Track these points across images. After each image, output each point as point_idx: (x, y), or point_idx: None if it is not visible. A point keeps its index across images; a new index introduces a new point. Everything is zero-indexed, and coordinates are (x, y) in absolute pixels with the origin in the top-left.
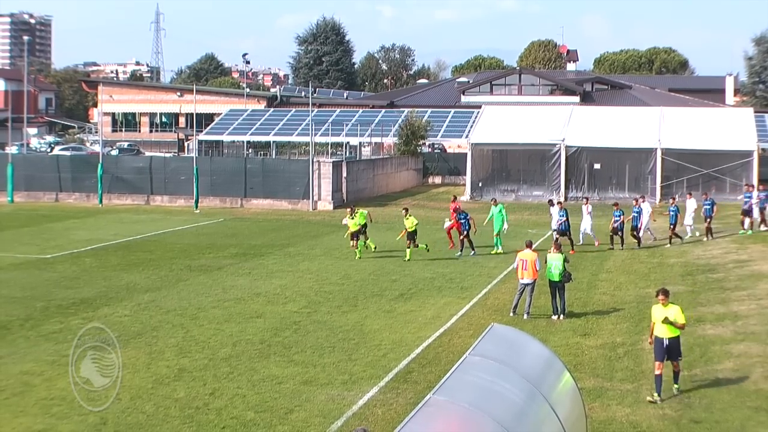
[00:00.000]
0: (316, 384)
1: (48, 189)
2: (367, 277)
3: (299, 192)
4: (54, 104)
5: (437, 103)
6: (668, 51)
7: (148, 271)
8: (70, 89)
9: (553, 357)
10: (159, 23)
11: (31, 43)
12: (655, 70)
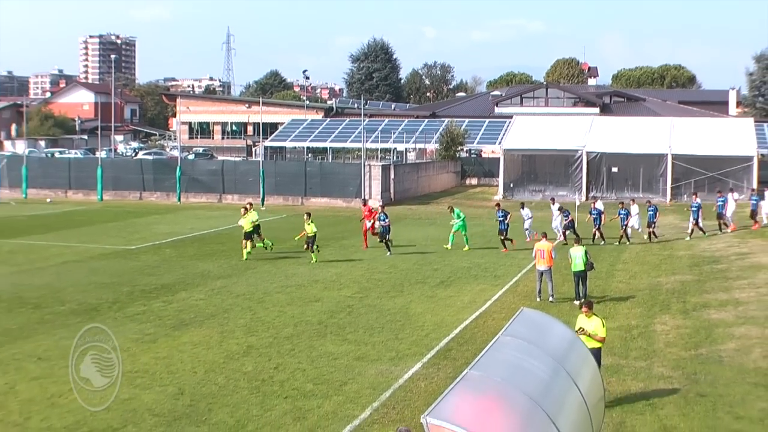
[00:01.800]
0: (367, 360)
1: (132, 189)
2: (412, 267)
3: (352, 191)
4: (138, 114)
5: (474, 113)
6: (678, 67)
7: (220, 261)
8: (152, 101)
9: (575, 337)
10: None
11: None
12: (666, 84)
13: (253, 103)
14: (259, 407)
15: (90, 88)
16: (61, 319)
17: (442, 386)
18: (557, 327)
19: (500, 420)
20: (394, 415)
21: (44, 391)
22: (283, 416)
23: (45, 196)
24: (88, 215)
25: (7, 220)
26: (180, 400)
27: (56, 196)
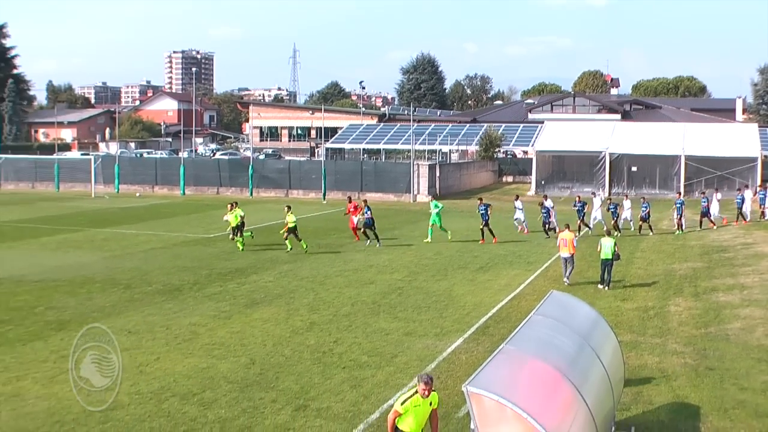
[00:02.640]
0: (415, 335)
1: (210, 184)
2: (455, 254)
3: (403, 187)
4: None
5: (509, 119)
6: (690, 79)
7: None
8: (228, 108)
9: (598, 317)
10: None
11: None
12: (680, 93)
13: (315, 110)
14: (320, 376)
15: (174, 97)
16: (148, 298)
17: (481, 359)
18: (583, 308)
19: (532, 389)
20: (438, 384)
21: (133, 360)
22: (341, 384)
23: (134, 191)
24: (172, 208)
25: (102, 211)
26: (251, 369)
27: (144, 191)
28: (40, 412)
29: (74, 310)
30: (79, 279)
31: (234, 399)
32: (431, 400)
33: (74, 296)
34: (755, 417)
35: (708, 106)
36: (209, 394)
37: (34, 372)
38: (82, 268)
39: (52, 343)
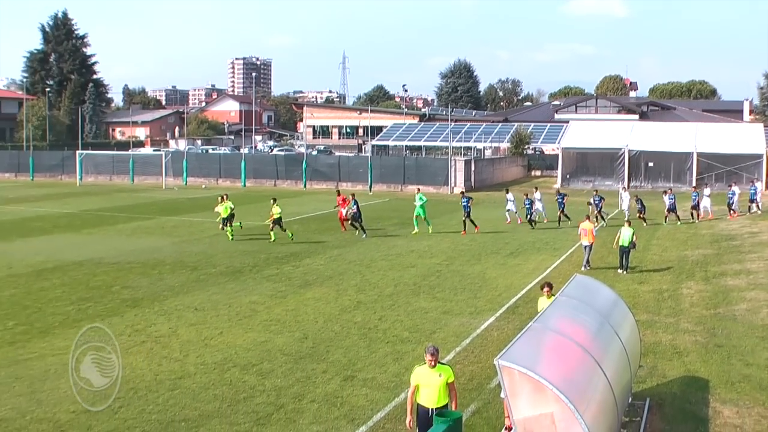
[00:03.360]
0: (452, 314)
1: (268, 177)
2: (488, 241)
3: (441, 180)
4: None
5: (538, 119)
6: (702, 83)
7: (336, 234)
8: (284, 109)
9: (618, 298)
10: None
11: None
12: (693, 96)
13: (363, 111)
14: (366, 350)
15: (236, 99)
16: (213, 279)
17: (511, 335)
18: (603, 289)
19: (557, 363)
20: (472, 357)
21: (199, 334)
22: (384, 357)
23: (200, 183)
24: (234, 198)
25: (172, 201)
26: (304, 343)
27: (209, 183)
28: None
29: (147, 289)
30: (151, 261)
31: (289, 369)
32: (441, 372)
33: (147, 277)
34: (759, 390)
35: (718, 107)
36: (267, 365)
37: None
38: (153, 251)
39: (127, 318)
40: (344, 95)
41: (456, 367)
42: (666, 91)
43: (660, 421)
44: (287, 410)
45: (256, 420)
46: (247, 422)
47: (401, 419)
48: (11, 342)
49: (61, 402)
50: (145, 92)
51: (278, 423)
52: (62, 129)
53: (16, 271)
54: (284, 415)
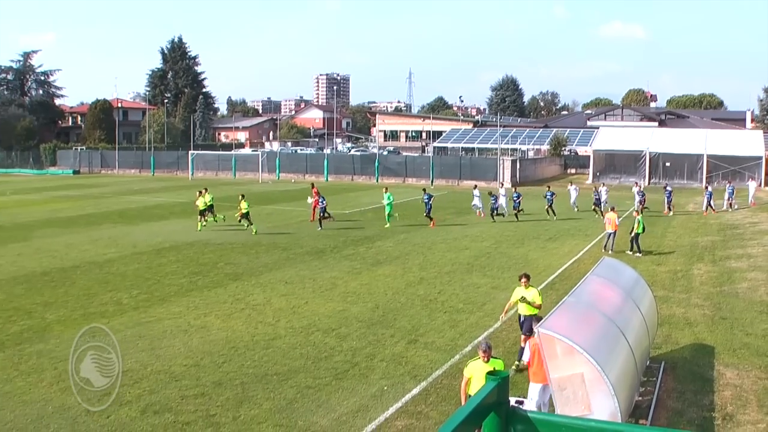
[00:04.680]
0: (499, 289)
1: (346, 173)
2: (530, 228)
3: (491, 176)
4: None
5: (573, 125)
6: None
7: (403, 221)
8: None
9: (639, 277)
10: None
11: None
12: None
13: (426, 118)
14: (427, 318)
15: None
16: (300, 257)
17: (549, 308)
18: (627, 270)
19: (587, 330)
20: (516, 326)
21: (288, 303)
22: (442, 324)
23: (290, 178)
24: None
25: (267, 193)
26: (376, 312)
27: (298, 178)
28: (220, 340)
29: (246, 265)
30: (249, 243)
31: (362, 334)
32: (494, 366)
33: (246, 255)
34: (757, 356)
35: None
36: (344, 329)
37: (216, 311)
38: (252, 234)
39: (229, 289)
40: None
41: (501, 333)
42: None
43: (673, 381)
44: (361, 367)
45: (335, 375)
46: (328, 377)
47: (456, 376)
48: (135, 307)
49: (176, 357)
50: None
51: (353, 378)
52: (177, 133)
53: (140, 249)
54: (358, 371)
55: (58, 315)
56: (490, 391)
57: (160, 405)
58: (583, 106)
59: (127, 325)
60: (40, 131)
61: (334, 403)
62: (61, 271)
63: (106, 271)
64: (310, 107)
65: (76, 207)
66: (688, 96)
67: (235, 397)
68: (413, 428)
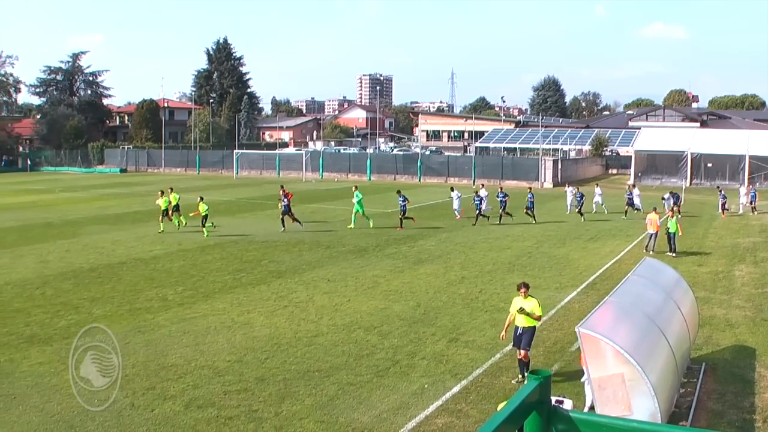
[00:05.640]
0: (540, 288)
1: (389, 173)
2: (571, 228)
3: (533, 176)
4: (393, 125)
5: (614, 126)
6: (753, 96)
7: (445, 220)
8: (403, 116)
9: (680, 277)
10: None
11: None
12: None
13: (468, 118)
14: (468, 317)
15: (363, 108)
16: (343, 256)
17: (590, 307)
18: (668, 270)
19: (628, 331)
20: (557, 325)
21: (331, 301)
22: (483, 323)
23: (333, 177)
24: (361, 190)
25: (310, 192)
26: (417, 310)
27: (341, 177)
28: (263, 336)
29: (289, 263)
30: (292, 241)
31: (404, 332)
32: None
33: (289, 253)
34: None
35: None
36: (386, 327)
37: (259, 307)
38: (295, 232)
39: (272, 286)
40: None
41: (543, 333)
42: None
43: (713, 382)
44: (402, 365)
45: (376, 372)
46: (369, 374)
47: (497, 375)
48: (180, 303)
49: (220, 353)
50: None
51: (394, 375)
52: (222, 133)
53: (185, 246)
54: (399, 369)
55: (105, 310)
56: (531, 390)
57: (204, 400)
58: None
59: (171, 320)
60: (89, 130)
61: (374, 400)
62: (107, 267)
63: (152, 267)
64: (353, 107)
65: (123, 205)
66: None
67: (278, 392)
68: (453, 426)
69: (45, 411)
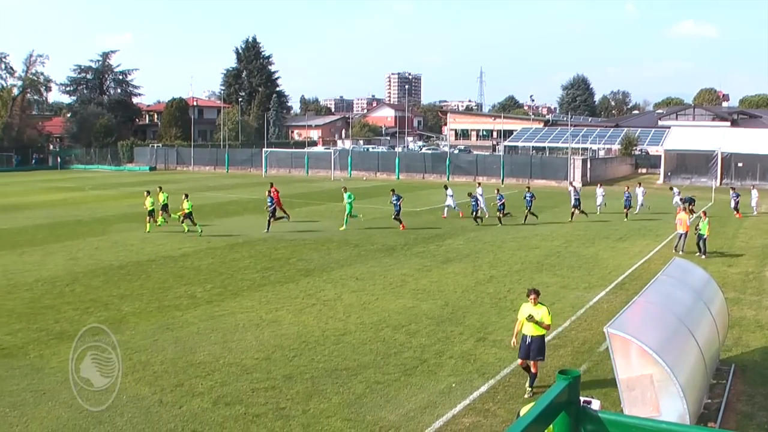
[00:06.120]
0: (569, 288)
1: (418, 171)
2: (601, 227)
3: (561, 175)
4: (422, 124)
5: (644, 125)
6: None
7: (471, 220)
8: (431, 115)
9: (709, 278)
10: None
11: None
12: None
13: (497, 117)
14: (496, 316)
15: (391, 107)
16: (371, 254)
17: (619, 308)
18: (697, 270)
19: (657, 331)
20: (585, 325)
21: (359, 299)
22: (511, 323)
23: (362, 176)
24: (388, 189)
25: (338, 191)
26: (445, 309)
27: (369, 176)
28: (291, 334)
29: (317, 261)
30: (321, 239)
31: (432, 330)
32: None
33: (317, 251)
34: None
35: None
36: (414, 326)
37: (288, 305)
38: (323, 231)
39: (301, 284)
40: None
41: (570, 333)
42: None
43: (743, 384)
44: (429, 364)
45: (404, 371)
46: (397, 372)
47: (525, 375)
48: (209, 301)
49: (248, 350)
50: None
51: (422, 374)
52: (251, 131)
53: (214, 244)
54: (427, 368)
55: (134, 307)
56: (561, 391)
57: (232, 397)
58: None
59: (200, 318)
60: (118, 129)
61: (402, 398)
62: (137, 264)
63: (181, 265)
64: (381, 106)
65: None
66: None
67: (305, 390)
68: (480, 426)
69: (74, 407)
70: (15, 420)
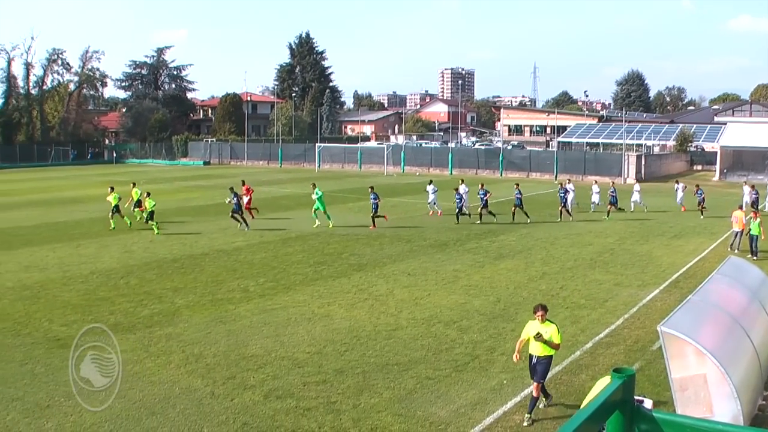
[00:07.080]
0: (622, 286)
1: (471, 167)
2: (654, 224)
3: (616, 172)
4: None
5: (699, 121)
6: None
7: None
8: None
9: (765, 277)
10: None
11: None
12: None
13: (550, 112)
14: (549, 313)
15: (445, 102)
16: (423, 250)
17: (672, 306)
18: (753, 269)
19: (711, 331)
20: (638, 323)
21: (411, 295)
22: (564, 320)
23: (414, 171)
24: (440, 184)
25: (391, 185)
26: (497, 306)
27: (422, 171)
28: (343, 328)
29: (370, 256)
30: (373, 234)
31: (483, 327)
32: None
33: (370, 247)
34: None
35: None
36: (465, 322)
37: (340, 300)
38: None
39: (353, 279)
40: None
41: (624, 331)
42: None
43: None
44: (481, 360)
45: (455, 367)
46: (448, 368)
47: (576, 372)
48: (261, 295)
49: (299, 344)
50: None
51: (473, 370)
52: (304, 126)
53: (267, 239)
54: (478, 364)
55: (187, 300)
56: (615, 389)
57: (283, 390)
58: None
59: (253, 311)
60: (173, 123)
61: (453, 395)
62: (190, 258)
63: (234, 259)
64: (435, 101)
65: (206, 197)
66: None
67: (356, 385)
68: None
69: (127, 398)
70: (70, 410)
